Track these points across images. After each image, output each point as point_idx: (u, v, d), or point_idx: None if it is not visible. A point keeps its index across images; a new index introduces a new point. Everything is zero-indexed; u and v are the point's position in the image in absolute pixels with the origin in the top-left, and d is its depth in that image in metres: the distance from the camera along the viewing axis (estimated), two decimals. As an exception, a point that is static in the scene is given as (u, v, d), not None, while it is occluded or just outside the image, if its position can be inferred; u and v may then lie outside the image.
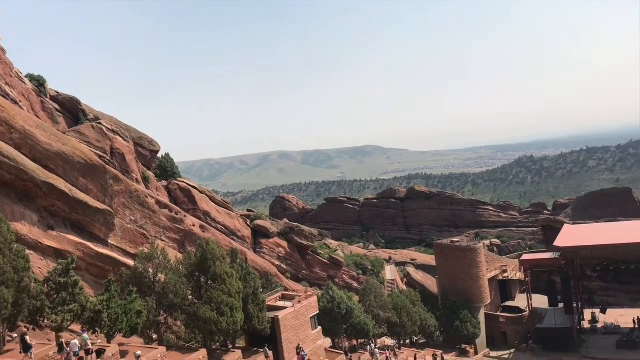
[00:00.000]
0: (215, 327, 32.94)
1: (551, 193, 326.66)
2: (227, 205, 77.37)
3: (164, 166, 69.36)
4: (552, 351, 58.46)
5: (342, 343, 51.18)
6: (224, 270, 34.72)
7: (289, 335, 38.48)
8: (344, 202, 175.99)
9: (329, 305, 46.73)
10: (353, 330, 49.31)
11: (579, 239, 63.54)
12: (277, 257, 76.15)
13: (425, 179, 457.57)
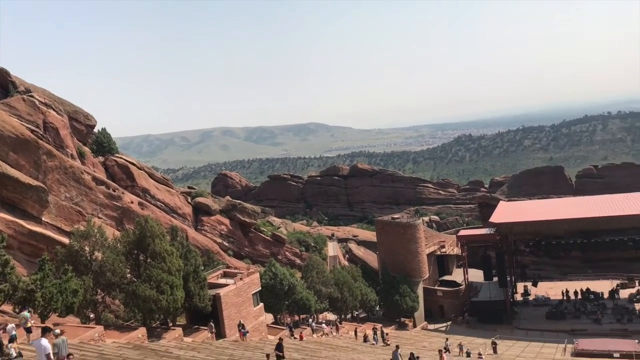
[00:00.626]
0: (155, 306, 32.49)
1: (488, 171, 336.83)
2: (167, 182, 75.89)
3: (100, 141, 67.12)
4: (487, 323, 60.86)
5: (284, 319, 51.58)
6: (164, 248, 34.15)
7: (230, 312, 38.40)
8: (287, 179, 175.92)
9: (272, 282, 46.91)
10: (295, 306, 49.75)
11: (513, 216, 66.07)
12: (219, 235, 75.51)
13: (368, 157, 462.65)
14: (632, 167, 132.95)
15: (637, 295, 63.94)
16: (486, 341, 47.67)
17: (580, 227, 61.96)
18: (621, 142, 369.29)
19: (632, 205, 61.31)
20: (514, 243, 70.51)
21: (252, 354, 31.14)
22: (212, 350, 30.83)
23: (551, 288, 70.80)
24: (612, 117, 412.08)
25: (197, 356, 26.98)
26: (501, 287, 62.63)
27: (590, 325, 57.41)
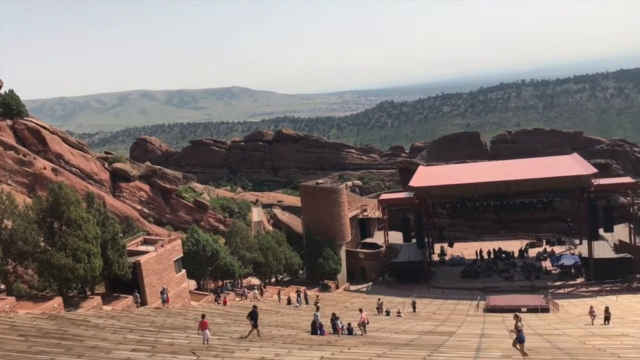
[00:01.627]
0: (72, 274, 31.34)
1: (409, 137, 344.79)
2: (82, 147, 72.73)
3: (8, 104, 63.02)
4: (406, 283, 63.23)
5: (208, 285, 51.35)
6: (80, 215, 32.82)
7: (151, 279, 37.75)
8: (210, 144, 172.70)
9: (194, 248, 46.38)
10: (219, 272, 49.56)
11: (432, 180, 68.34)
12: (138, 202, 73.54)
13: (292, 122, 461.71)
14: (542, 133, 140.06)
15: (544, 253, 68.32)
16: (405, 300, 49.57)
17: (494, 190, 65.04)
18: (533, 109, 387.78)
19: (542, 169, 64.92)
20: (432, 206, 73.10)
21: (175, 320, 30.90)
22: (133, 317, 30.31)
23: (466, 248, 74.28)
24: (526, 84, 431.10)
25: (116, 324, 26.45)
26: (419, 248, 65.06)
27: (502, 283, 60.93)
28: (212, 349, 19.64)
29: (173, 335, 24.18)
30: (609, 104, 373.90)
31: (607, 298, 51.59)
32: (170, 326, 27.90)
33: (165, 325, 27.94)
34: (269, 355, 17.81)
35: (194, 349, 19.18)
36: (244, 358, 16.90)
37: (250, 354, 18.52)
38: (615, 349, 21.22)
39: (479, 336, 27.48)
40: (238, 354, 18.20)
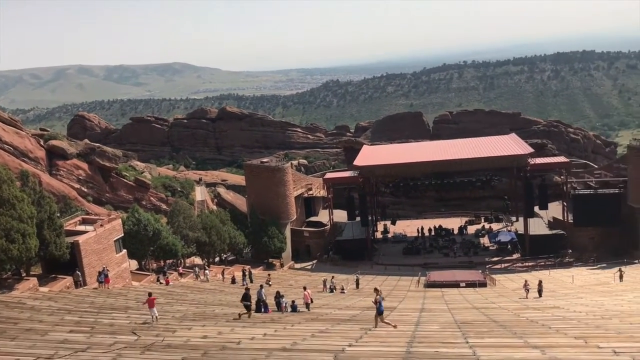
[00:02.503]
0: (5, 255, 30.09)
1: (354, 116, 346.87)
2: (15, 123, 69.56)
3: None
4: (350, 260, 64.14)
5: (150, 265, 50.51)
6: (13, 194, 31.45)
7: (91, 259, 36.78)
8: (151, 121, 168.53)
9: (135, 227, 45.39)
10: (161, 252, 48.77)
11: (376, 159, 69.19)
12: (76, 180, 71.18)
13: (237, 99, 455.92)
14: (482, 114, 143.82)
15: (482, 230, 70.59)
16: (349, 277, 50.25)
17: (435, 169, 66.55)
18: (474, 90, 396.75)
19: (481, 148, 66.72)
20: (375, 185, 74.09)
21: (115, 300, 30.30)
22: (71, 299, 29.52)
23: (408, 226, 75.85)
24: (467, 66, 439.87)
25: (53, 305, 25.71)
26: (363, 226, 65.98)
27: (442, 259, 62.69)
28: (153, 329, 19.39)
29: (113, 315, 23.71)
30: (546, 86, 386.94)
31: (540, 273, 53.97)
32: (110, 307, 27.34)
33: (105, 306, 27.36)
34: (212, 333, 17.73)
35: (134, 328, 18.88)
36: (186, 337, 16.75)
37: (193, 332, 18.39)
38: (546, 320, 22.24)
39: (419, 310, 28.24)
40: (180, 333, 18.04)
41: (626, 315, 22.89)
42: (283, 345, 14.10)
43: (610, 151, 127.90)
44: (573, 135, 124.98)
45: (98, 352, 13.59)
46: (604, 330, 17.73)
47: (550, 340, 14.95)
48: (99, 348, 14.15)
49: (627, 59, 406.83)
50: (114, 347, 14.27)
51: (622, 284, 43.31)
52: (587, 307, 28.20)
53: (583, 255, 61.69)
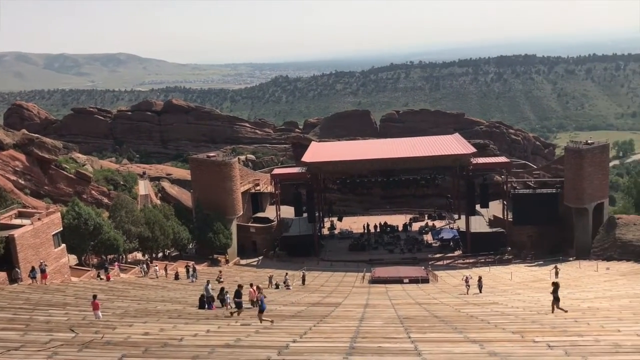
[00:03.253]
0: None
1: (303, 113, 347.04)
2: (-54, 111, 65.95)
3: None
4: (296, 256, 64.14)
5: (90, 260, 49.09)
6: (-58, 185, 29.95)
7: (27, 254, 35.36)
8: (94, 113, 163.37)
9: (75, 222, 43.98)
10: (102, 247, 47.46)
11: (324, 156, 69.41)
12: (12, 172, 68.25)
13: (184, 92, 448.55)
14: (428, 114, 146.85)
15: (425, 227, 71.97)
16: (295, 273, 50.28)
17: (382, 166, 67.45)
18: (420, 90, 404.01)
19: (426, 147, 68.01)
20: (323, 181, 74.42)
21: (52, 297, 29.29)
22: (5, 295, 28.32)
23: (354, 222, 76.53)
24: (414, 66, 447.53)
25: (-15, 303, 24.58)
26: (310, 222, 66.11)
27: (387, 255, 63.56)
28: (92, 326, 18.82)
29: (50, 312, 22.88)
30: (489, 88, 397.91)
31: (481, 269, 55.48)
32: (47, 303, 26.37)
33: (42, 303, 26.37)
34: (153, 330, 17.36)
35: (72, 326, 18.26)
36: (127, 334, 16.32)
37: (134, 329, 17.96)
38: (486, 315, 22.89)
39: (364, 306, 28.53)
40: (120, 330, 17.57)
41: (560, 311, 23.81)
42: (226, 342, 13.95)
43: (549, 152, 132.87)
44: (514, 137, 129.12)
45: (32, 351, 13.07)
46: (539, 325, 18.37)
47: (489, 335, 15.38)
48: (33, 346, 13.61)
49: (566, 64, 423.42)
50: (50, 345, 13.76)
51: (557, 281, 45.03)
52: (524, 302, 29.21)
53: (521, 253, 63.90)
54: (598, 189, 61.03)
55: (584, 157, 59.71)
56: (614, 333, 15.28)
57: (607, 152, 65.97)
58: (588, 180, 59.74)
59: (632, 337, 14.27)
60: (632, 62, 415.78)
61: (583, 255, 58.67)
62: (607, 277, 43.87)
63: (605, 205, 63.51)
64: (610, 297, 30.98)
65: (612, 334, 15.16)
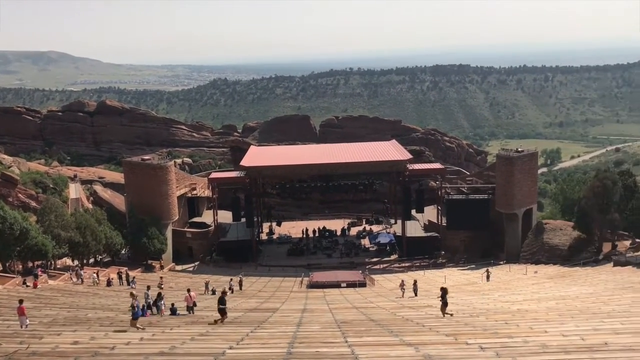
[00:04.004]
0: None
1: (242, 116, 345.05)
2: None
3: None
4: (234, 262, 63.45)
5: (15, 266, 46.77)
6: None
7: (-55, 261, 33.32)
8: (22, 113, 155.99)
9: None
10: (29, 252, 45.29)
11: (263, 160, 69.12)
12: None
13: (118, 93, 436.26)
14: (366, 120, 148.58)
15: (363, 232, 72.84)
16: (233, 278, 49.64)
17: (321, 171, 67.69)
18: (359, 97, 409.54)
19: (364, 153, 68.95)
20: (262, 186, 74.02)
21: (-28, 306, 27.68)
22: None
23: (293, 227, 76.51)
24: (353, 73, 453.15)
25: None
26: (248, 227, 65.59)
27: (325, 260, 63.87)
28: (17, 335, 17.90)
29: (-31, 322, 21.62)
30: (425, 96, 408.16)
31: (416, 273, 56.65)
32: (-34, 313, 24.92)
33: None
34: (84, 339, 16.67)
35: (-6, 337, 17.30)
36: (55, 343, 15.60)
37: (62, 338, 17.19)
38: (420, 318, 23.34)
39: (301, 311, 28.50)
40: (48, 340, 16.78)
41: (492, 313, 24.60)
42: (161, 350, 13.59)
43: (481, 159, 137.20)
44: (448, 144, 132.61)
45: (-51, 364, 12.29)
46: (472, 327, 18.88)
47: (423, 338, 15.66)
48: (-50, 359, 12.81)
49: (498, 74, 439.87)
50: (-31, 357, 12.98)
51: (488, 284, 46.59)
52: (457, 305, 29.96)
53: (454, 257, 65.65)
54: (527, 195, 63.55)
55: (514, 165, 62.05)
56: (542, 334, 15.88)
57: (536, 160, 68.97)
58: (518, 187, 62.10)
59: (558, 338, 14.87)
60: (560, 73, 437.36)
61: (513, 259, 60.92)
62: (535, 280, 45.71)
63: (533, 211, 66.21)
64: (538, 299, 32.25)
65: (539, 334, 15.75)
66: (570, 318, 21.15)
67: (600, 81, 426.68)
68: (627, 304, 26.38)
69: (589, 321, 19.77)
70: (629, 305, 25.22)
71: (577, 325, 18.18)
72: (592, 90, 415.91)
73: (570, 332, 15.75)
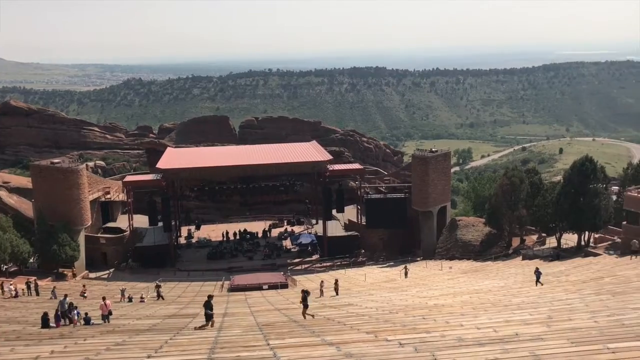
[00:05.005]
0: None
1: (158, 117, 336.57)
2: None
3: None
4: (151, 267, 61.54)
5: None
6: None
7: None
8: None
9: None
10: None
11: (180, 162, 67.48)
12: None
13: (24, 93, 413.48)
14: (286, 121, 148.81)
15: (285, 233, 72.81)
16: (149, 285, 48.21)
17: (241, 173, 67.08)
18: (279, 98, 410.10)
19: (285, 154, 68.94)
20: (180, 188, 72.36)
21: None
22: None
23: (213, 230, 75.26)
24: (272, 74, 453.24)
25: None
26: (166, 231, 63.88)
27: (246, 262, 63.25)
28: None
29: None
30: (343, 98, 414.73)
31: (337, 272, 57.33)
32: None
33: None
34: (-14, 356, 15.61)
35: None
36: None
37: (-39, 357, 15.99)
38: (342, 317, 23.59)
39: (222, 315, 28.09)
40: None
41: (410, 309, 25.26)
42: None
43: (398, 159, 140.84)
44: (366, 144, 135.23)
45: None
46: (391, 324, 19.30)
47: (345, 337, 15.83)
48: None
49: (412, 77, 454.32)
50: None
51: (407, 280, 47.91)
52: (377, 302, 30.57)
53: (374, 255, 67.03)
54: (441, 194, 65.92)
55: (428, 164, 64.18)
56: (457, 328, 16.47)
57: (449, 160, 71.71)
58: (432, 186, 64.28)
59: (472, 331, 15.48)
60: (470, 76, 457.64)
61: (429, 255, 63.03)
62: (450, 275, 47.48)
63: (448, 209, 68.80)
64: (454, 294, 33.48)
65: (455, 328, 16.33)
66: (484, 311, 22.08)
67: (508, 84, 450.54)
68: (535, 295, 27.92)
69: (500, 313, 20.73)
70: (537, 297, 26.69)
71: (490, 317, 19.01)
72: (500, 93, 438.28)
73: (483, 325, 16.43)
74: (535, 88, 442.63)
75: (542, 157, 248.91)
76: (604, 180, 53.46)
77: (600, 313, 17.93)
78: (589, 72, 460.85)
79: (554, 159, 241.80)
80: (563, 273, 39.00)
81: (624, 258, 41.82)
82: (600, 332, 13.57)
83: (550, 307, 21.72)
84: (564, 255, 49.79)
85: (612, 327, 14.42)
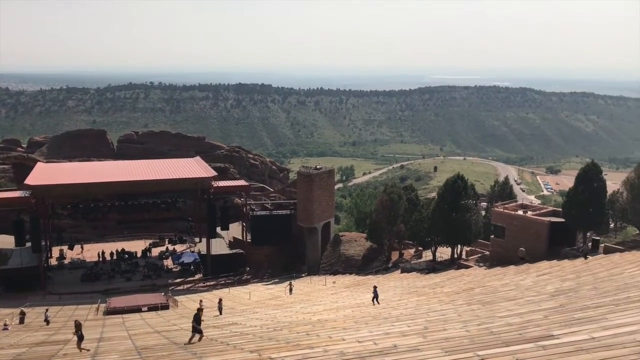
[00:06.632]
0: None
1: (27, 130, 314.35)
2: None
3: None
4: (18, 292, 56.77)
5: None
6: None
7: None
8: None
9: None
10: None
11: (52, 178, 63.21)
12: None
13: None
14: (169, 136, 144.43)
15: (166, 252, 70.38)
16: (14, 311, 44.40)
17: (119, 190, 64.07)
18: (161, 112, 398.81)
19: (167, 170, 66.79)
20: (51, 206, 67.76)
21: None
22: None
23: (88, 250, 71.12)
24: (154, 87, 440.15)
25: None
26: (35, 252, 59.25)
27: (124, 284, 60.24)
28: None
29: None
30: (229, 113, 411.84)
31: (221, 291, 56.22)
32: None
33: None
34: None
35: None
36: None
37: None
38: (225, 337, 23.10)
39: (98, 340, 26.46)
40: None
41: (294, 325, 25.29)
42: None
43: (284, 176, 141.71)
44: (252, 161, 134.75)
45: None
46: (275, 341, 19.18)
47: (227, 357, 15.50)
48: None
49: (297, 95, 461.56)
50: None
51: (291, 297, 48.07)
52: (261, 320, 30.33)
53: (259, 272, 66.67)
54: (325, 210, 67.18)
55: (313, 181, 65.23)
56: (340, 342, 16.70)
57: (333, 176, 73.39)
58: (317, 202, 65.37)
59: (354, 344, 15.75)
60: (352, 97, 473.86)
61: (314, 270, 63.81)
62: (333, 290, 48.32)
63: (331, 224, 70.21)
64: (337, 308, 34.06)
65: (338, 343, 16.55)
66: (365, 324, 22.61)
67: (387, 105, 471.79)
68: (412, 307, 29.10)
69: (380, 326, 21.32)
70: (414, 308, 27.83)
71: (371, 330, 19.48)
72: (380, 113, 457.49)
73: (364, 338, 16.79)
74: (412, 109, 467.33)
75: (419, 175, 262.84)
76: (474, 197, 57.38)
77: (471, 322, 19.00)
78: (460, 96, 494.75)
79: (429, 176, 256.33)
80: (438, 285, 41.06)
81: (492, 269, 44.91)
82: (471, 340, 14.35)
83: (427, 318, 22.70)
84: (438, 267, 52.57)
85: (482, 335, 15.30)
